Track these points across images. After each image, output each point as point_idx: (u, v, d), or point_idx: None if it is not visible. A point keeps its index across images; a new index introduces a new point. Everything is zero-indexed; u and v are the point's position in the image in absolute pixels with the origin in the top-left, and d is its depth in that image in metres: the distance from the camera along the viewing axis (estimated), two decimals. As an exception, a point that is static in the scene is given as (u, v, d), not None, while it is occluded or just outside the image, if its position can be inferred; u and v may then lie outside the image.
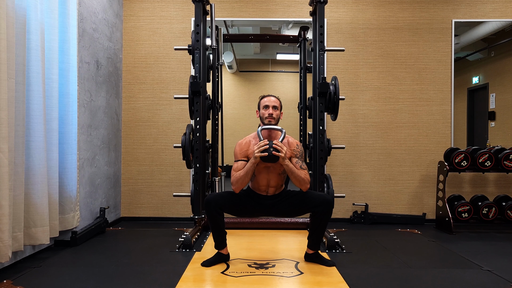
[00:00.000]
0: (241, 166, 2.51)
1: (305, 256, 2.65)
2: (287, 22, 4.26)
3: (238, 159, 2.56)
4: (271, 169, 2.54)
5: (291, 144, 2.59)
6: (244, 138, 2.64)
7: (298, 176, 2.46)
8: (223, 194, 2.56)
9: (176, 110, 4.17)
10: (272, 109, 2.56)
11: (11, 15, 2.33)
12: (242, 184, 2.48)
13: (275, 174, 2.55)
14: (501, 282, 2.32)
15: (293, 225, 3.66)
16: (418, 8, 4.19)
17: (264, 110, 2.59)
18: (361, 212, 4.10)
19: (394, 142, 4.19)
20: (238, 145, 2.60)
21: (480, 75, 4.49)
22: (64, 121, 3.00)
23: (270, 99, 2.60)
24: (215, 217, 2.46)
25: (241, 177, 2.45)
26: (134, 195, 4.18)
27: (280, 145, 2.41)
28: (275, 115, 2.57)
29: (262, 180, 2.56)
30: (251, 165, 2.43)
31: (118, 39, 4.09)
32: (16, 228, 2.43)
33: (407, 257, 2.83)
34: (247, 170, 2.44)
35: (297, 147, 2.60)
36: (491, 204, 3.74)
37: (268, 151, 2.39)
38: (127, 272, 2.45)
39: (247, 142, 2.60)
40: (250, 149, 2.55)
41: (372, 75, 4.19)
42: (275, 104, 2.58)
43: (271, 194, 2.58)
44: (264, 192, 2.58)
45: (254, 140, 2.57)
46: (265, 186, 2.57)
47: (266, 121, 2.56)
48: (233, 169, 2.53)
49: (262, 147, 2.39)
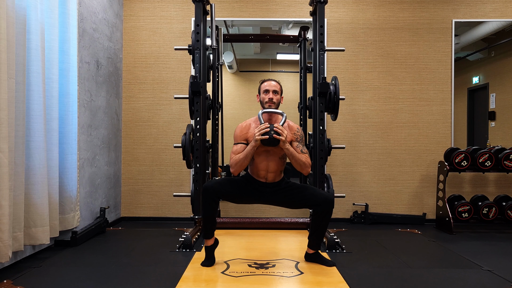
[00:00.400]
0: (240, 149, 2.49)
1: (306, 255, 2.65)
2: (287, 22, 4.26)
3: (237, 141, 2.54)
4: (271, 153, 2.52)
5: (291, 127, 2.58)
6: (245, 121, 2.62)
7: (299, 160, 2.45)
8: (222, 182, 2.52)
9: (176, 110, 4.17)
10: (273, 94, 2.56)
11: (11, 15, 2.33)
12: (241, 167, 2.46)
13: (275, 158, 2.53)
14: (501, 282, 2.32)
15: (293, 225, 3.65)
16: (418, 8, 4.19)
17: (265, 94, 2.58)
18: (361, 212, 4.09)
19: (394, 142, 4.19)
20: (238, 127, 2.59)
21: (480, 75, 4.49)
22: (64, 121, 3.00)
23: (271, 83, 2.60)
24: (211, 204, 2.44)
25: (240, 160, 2.43)
26: (134, 195, 4.18)
27: (281, 129, 2.39)
28: (275, 100, 2.56)
29: (262, 164, 2.53)
30: (251, 148, 2.41)
31: (118, 39, 4.09)
32: (16, 228, 2.43)
33: (407, 257, 2.83)
34: (247, 153, 2.42)
35: (298, 131, 2.59)
36: (491, 204, 3.74)
37: (269, 134, 2.37)
38: (127, 272, 2.45)
39: (247, 125, 2.58)
40: (250, 132, 2.53)
41: (372, 75, 4.19)
42: (275, 88, 2.58)
43: (271, 181, 2.56)
44: (263, 178, 2.55)
45: (255, 124, 2.56)
46: (265, 171, 2.54)
47: (266, 106, 2.56)
48: (232, 152, 2.51)
49: (263, 130, 2.38)
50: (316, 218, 2.50)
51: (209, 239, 2.55)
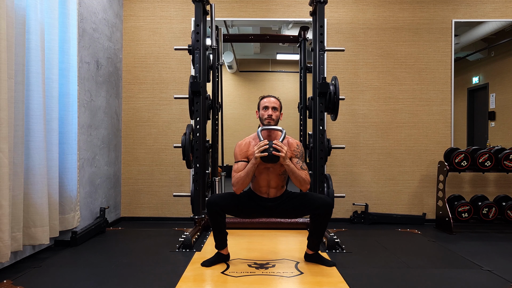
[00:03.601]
0: (241, 167, 2.50)
1: (305, 256, 2.65)
2: (287, 22, 4.26)
3: (238, 160, 2.55)
4: (271, 170, 2.54)
5: (291, 144, 2.59)
6: (244, 139, 2.63)
7: (299, 176, 2.46)
8: (225, 196, 2.54)
9: (176, 110, 4.16)
10: (272, 110, 2.56)
11: (11, 15, 2.33)
12: (243, 185, 2.47)
13: (276, 175, 2.55)
14: (501, 282, 2.32)
15: (293, 225, 3.65)
16: (418, 8, 4.19)
17: (264, 111, 2.58)
18: (361, 212, 4.09)
19: (394, 142, 4.19)
20: (238, 146, 2.60)
21: (480, 75, 4.49)
22: (64, 121, 3.00)
23: (270, 100, 2.59)
24: (216, 218, 2.47)
25: (241, 178, 2.45)
26: (134, 195, 4.18)
27: (280, 145, 2.40)
28: (274, 116, 2.56)
29: (263, 181, 2.55)
30: (252, 165, 2.43)
31: (118, 39, 4.09)
32: (16, 228, 2.43)
33: (407, 257, 2.83)
34: (248, 171, 2.44)
35: (298, 147, 2.60)
36: (491, 204, 3.74)
37: (268, 151, 2.38)
38: (127, 272, 2.45)
39: (246, 143, 2.59)
40: (250, 150, 2.54)
41: (372, 75, 4.19)
42: (274, 105, 2.57)
43: (272, 196, 2.58)
44: (265, 193, 2.58)
45: (254, 141, 2.57)
46: (266, 187, 2.57)
47: (265, 122, 2.55)
48: (234, 170, 2.53)
49: (262, 147, 2.39)
50: (315, 220, 2.51)
51: (222, 249, 2.58)
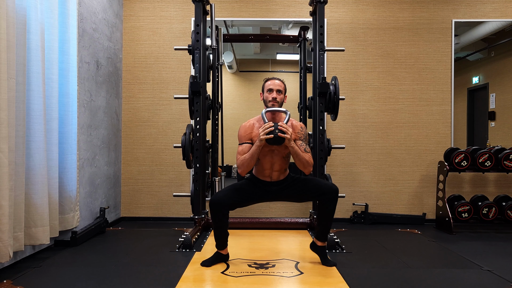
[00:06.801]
0: (246, 149, 2.48)
1: (311, 244, 2.65)
2: (287, 22, 4.26)
3: (242, 142, 2.53)
4: (276, 152, 2.51)
5: (295, 127, 2.57)
6: (248, 121, 2.61)
7: (303, 159, 2.44)
8: (228, 193, 2.51)
9: (176, 110, 4.17)
10: (276, 93, 2.55)
11: (12, 15, 2.33)
12: (248, 167, 2.46)
13: (279, 157, 2.52)
14: (501, 282, 2.32)
15: (293, 225, 3.66)
16: (418, 8, 4.19)
17: (268, 93, 2.56)
18: (361, 212, 4.10)
19: (394, 142, 4.19)
20: (242, 127, 2.58)
21: (480, 75, 4.49)
22: (64, 121, 3.00)
23: (275, 82, 2.58)
24: (220, 219, 2.45)
25: (246, 160, 2.43)
26: (134, 195, 4.18)
27: (286, 127, 2.39)
28: (279, 99, 2.55)
29: (266, 163, 2.53)
30: (257, 147, 2.41)
31: (118, 39, 4.09)
32: (17, 228, 2.43)
33: (407, 257, 2.83)
34: (253, 153, 2.42)
35: (301, 130, 2.58)
36: (491, 204, 3.75)
37: (274, 132, 2.36)
38: (127, 272, 2.45)
39: (250, 125, 2.57)
40: (254, 131, 2.53)
41: (372, 75, 4.19)
42: (279, 88, 2.56)
43: (275, 179, 2.56)
44: (268, 177, 2.55)
45: (258, 123, 2.55)
46: (269, 170, 2.55)
47: (270, 105, 2.54)
48: (238, 152, 2.51)
49: (268, 129, 2.37)
50: (321, 207, 2.50)
51: (222, 249, 2.58)
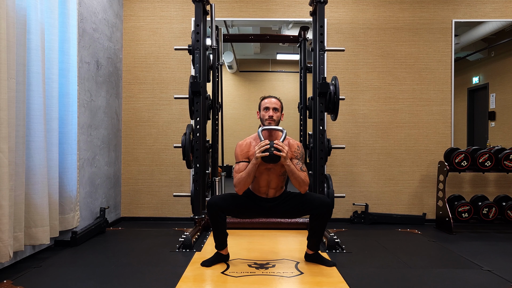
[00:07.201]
0: (242, 167, 2.50)
1: (305, 256, 2.65)
2: (287, 22, 4.26)
3: (239, 160, 2.54)
4: (272, 170, 2.53)
5: (291, 145, 2.58)
6: (244, 139, 2.63)
7: (299, 178, 2.45)
8: (225, 197, 2.54)
9: (176, 110, 4.17)
10: (273, 111, 2.55)
11: (12, 15, 2.33)
12: (245, 186, 2.47)
13: (276, 176, 2.54)
14: (501, 282, 2.32)
15: (293, 225, 3.66)
16: (418, 8, 4.19)
17: (265, 112, 2.57)
18: (361, 212, 4.09)
19: (394, 142, 4.19)
20: (239, 146, 2.59)
21: (480, 75, 4.49)
22: (64, 121, 3.00)
23: (271, 100, 2.58)
24: (217, 220, 2.47)
25: (243, 179, 2.45)
26: (134, 195, 4.18)
27: (282, 145, 2.39)
28: (275, 117, 2.55)
29: (263, 181, 2.55)
30: (253, 166, 2.42)
31: (118, 39, 4.09)
32: (17, 228, 2.43)
33: (407, 257, 2.83)
34: (249, 171, 2.43)
35: (298, 149, 2.59)
36: (491, 204, 3.74)
37: (270, 151, 2.37)
38: (127, 272, 2.45)
39: (247, 144, 2.58)
40: (251, 150, 2.54)
41: (372, 75, 4.19)
42: (275, 106, 2.57)
43: (271, 196, 2.58)
44: (264, 194, 2.58)
45: (255, 141, 2.56)
46: (265, 188, 2.57)
47: (266, 123, 2.55)
48: (235, 171, 2.52)
49: (263, 147, 2.38)
50: (314, 220, 2.51)
51: (222, 250, 2.59)
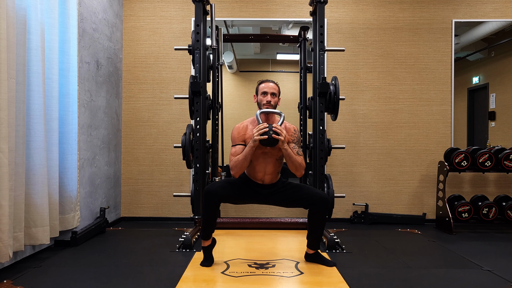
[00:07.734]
0: (239, 150, 2.48)
1: (306, 256, 2.65)
2: (287, 22, 4.26)
3: (236, 143, 2.53)
4: (269, 154, 2.50)
5: (288, 129, 2.57)
6: (241, 122, 2.61)
7: (296, 161, 2.44)
8: (223, 185, 2.52)
9: (176, 110, 4.17)
10: (270, 96, 2.54)
11: (12, 15, 2.33)
12: (241, 169, 2.45)
13: (272, 160, 2.52)
14: (501, 282, 2.32)
15: (293, 225, 3.65)
16: (418, 8, 4.19)
17: (262, 96, 2.56)
18: (361, 212, 4.09)
19: (394, 142, 4.19)
20: (236, 129, 2.57)
21: (480, 75, 4.49)
22: (64, 121, 3.00)
23: (269, 85, 2.58)
24: (213, 208, 2.45)
25: (239, 162, 2.43)
26: (134, 195, 4.18)
27: (280, 128, 2.38)
28: (273, 102, 2.54)
29: (259, 166, 2.52)
30: (250, 148, 2.40)
31: (118, 39, 4.09)
32: (17, 228, 2.43)
33: (407, 257, 2.83)
34: (246, 154, 2.41)
35: (295, 133, 2.58)
36: (491, 204, 3.74)
37: (268, 134, 2.35)
38: (127, 272, 2.45)
39: (244, 126, 2.56)
40: (248, 133, 2.52)
41: (372, 75, 4.19)
42: (273, 90, 2.56)
43: (268, 182, 2.55)
44: (260, 180, 2.55)
45: (252, 125, 2.54)
46: (262, 173, 2.53)
47: (264, 108, 2.54)
48: (231, 154, 2.50)
49: (262, 130, 2.36)
50: (312, 217, 2.50)
51: (207, 240, 2.57)
